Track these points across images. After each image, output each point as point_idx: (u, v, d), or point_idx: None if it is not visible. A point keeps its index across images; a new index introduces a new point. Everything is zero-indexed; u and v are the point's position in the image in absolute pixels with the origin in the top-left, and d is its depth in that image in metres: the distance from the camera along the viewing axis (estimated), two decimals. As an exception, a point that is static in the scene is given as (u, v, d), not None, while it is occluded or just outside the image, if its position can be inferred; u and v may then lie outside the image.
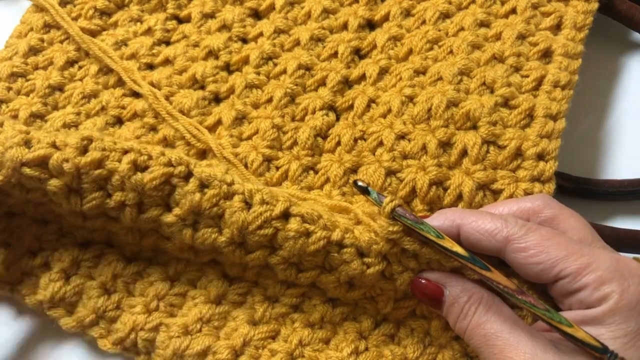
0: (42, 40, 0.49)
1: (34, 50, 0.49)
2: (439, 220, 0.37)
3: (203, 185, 0.38)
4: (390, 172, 0.43)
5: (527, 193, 0.41)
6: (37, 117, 0.46)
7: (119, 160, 0.38)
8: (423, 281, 0.37)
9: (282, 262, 0.38)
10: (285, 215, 0.37)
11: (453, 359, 0.39)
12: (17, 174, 0.38)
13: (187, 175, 0.38)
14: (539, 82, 0.45)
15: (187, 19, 0.51)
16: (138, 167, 0.38)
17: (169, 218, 0.38)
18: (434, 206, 0.42)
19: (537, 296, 0.35)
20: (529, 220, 0.37)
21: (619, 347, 0.31)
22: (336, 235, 0.37)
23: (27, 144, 0.38)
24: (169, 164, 0.38)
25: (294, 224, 0.37)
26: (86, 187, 0.38)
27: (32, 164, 0.37)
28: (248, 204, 0.37)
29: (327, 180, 0.44)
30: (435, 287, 0.37)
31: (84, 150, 0.38)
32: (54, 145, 0.38)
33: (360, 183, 0.39)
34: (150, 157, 0.38)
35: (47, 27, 0.50)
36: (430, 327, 0.40)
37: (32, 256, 0.42)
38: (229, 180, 0.38)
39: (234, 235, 0.38)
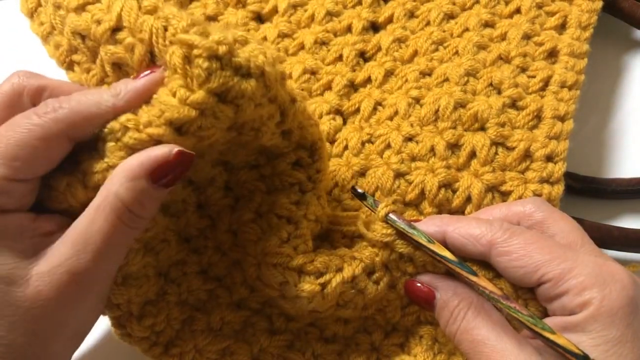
0: None
1: None
2: (426, 225, 0.37)
3: None
4: (398, 175, 0.42)
5: (536, 194, 0.41)
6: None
7: None
8: (417, 284, 0.37)
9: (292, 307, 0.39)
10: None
11: None
12: None
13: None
14: (546, 82, 0.45)
15: (189, 23, 0.50)
16: None
17: None
18: (442, 208, 0.42)
19: (533, 302, 0.35)
20: (520, 224, 0.37)
21: (600, 355, 0.31)
22: (347, 272, 0.37)
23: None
24: None
25: (307, 285, 0.37)
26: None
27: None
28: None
29: (336, 184, 0.43)
30: (427, 290, 0.37)
31: None
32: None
33: (358, 190, 0.40)
34: None
35: None
36: (437, 333, 0.40)
37: None
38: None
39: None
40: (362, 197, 0.40)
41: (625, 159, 0.48)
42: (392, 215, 0.38)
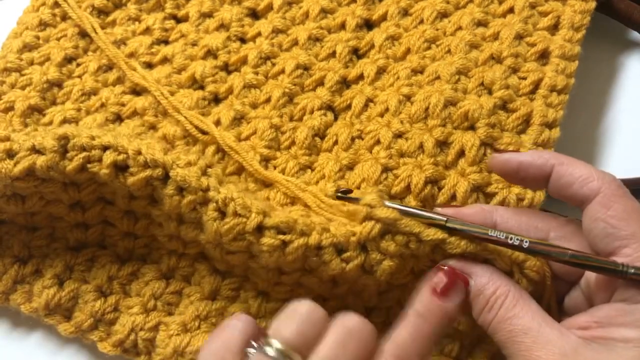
0: (38, 38, 0.49)
1: (28, 47, 0.49)
2: (532, 156, 0.36)
3: (181, 189, 0.37)
4: (386, 169, 0.43)
5: (520, 199, 0.41)
6: (35, 110, 0.47)
7: (100, 160, 0.38)
8: (445, 268, 0.35)
9: (261, 267, 0.38)
10: (259, 228, 0.37)
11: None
12: (9, 188, 0.38)
13: (165, 177, 0.38)
14: (536, 85, 0.45)
15: (185, 19, 0.51)
16: (118, 167, 0.38)
17: (155, 211, 0.39)
18: (426, 204, 0.42)
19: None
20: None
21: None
22: (313, 239, 0.36)
23: (10, 154, 0.38)
24: (146, 165, 0.38)
25: (267, 239, 0.36)
26: (79, 181, 0.39)
27: (20, 177, 0.38)
28: (223, 213, 0.37)
29: (323, 176, 0.44)
30: (460, 276, 0.35)
31: (63, 152, 0.38)
32: (34, 150, 0.38)
33: (341, 189, 0.40)
34: (128, 157, 0.38)
35: (43, 24, 0.50)
36: None
37: (23, 264, 0.43)
38: (204, 186, 0.37)
39: (211, 239, 0.38)
40: (348, 193, 0.40)
41: (618, 159, 0.48)
42: (389, 203, 0.36)
